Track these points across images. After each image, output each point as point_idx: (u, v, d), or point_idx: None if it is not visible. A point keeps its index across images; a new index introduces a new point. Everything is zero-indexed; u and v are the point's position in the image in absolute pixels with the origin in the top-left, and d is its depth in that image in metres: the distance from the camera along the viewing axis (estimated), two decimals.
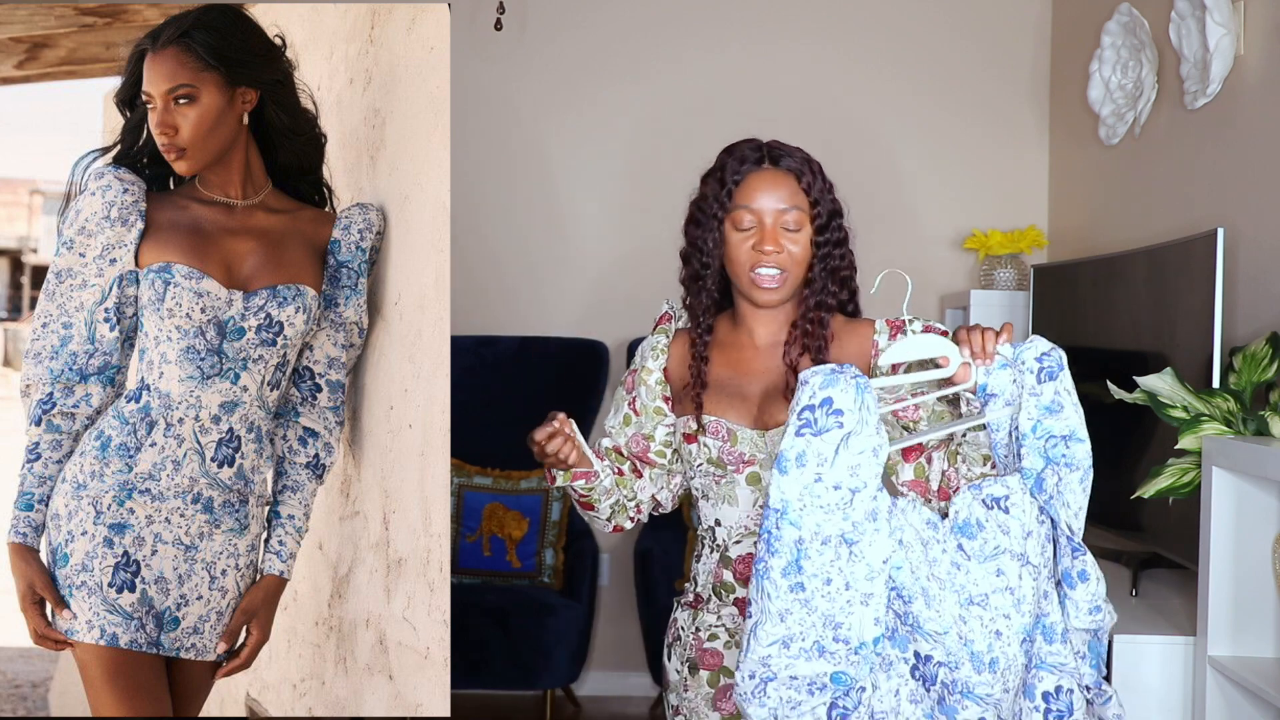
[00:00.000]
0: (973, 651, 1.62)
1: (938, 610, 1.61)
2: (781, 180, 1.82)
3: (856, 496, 1.58)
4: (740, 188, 1.83)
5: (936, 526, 1.64)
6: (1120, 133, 3.54)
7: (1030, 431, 1.64)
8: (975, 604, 1.63)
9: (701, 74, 4.30)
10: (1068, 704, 1.68)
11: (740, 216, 1.82)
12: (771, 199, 1.81)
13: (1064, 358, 1.67)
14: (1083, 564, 1.67)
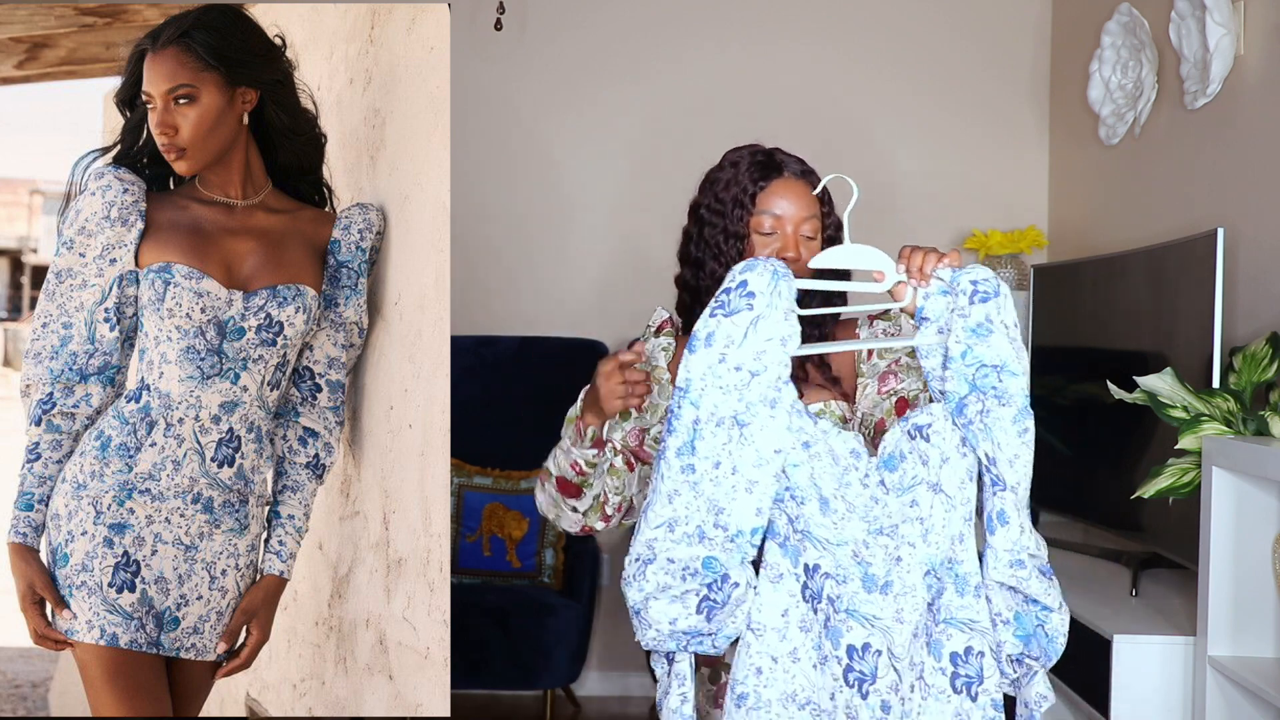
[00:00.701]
0: (866, 572, 1.57)
1: (834, 522, 1.57)
2: (801, 189, 1.86)
3: (755, 379, 1.55)
4: (765, 193, 1.86)
5: (860, 456, 1.58)
6: (1120, 133, 3.54)
7: (959, 357, 1.57)
8: (884, 534, 1.57)
9: (701, 74, 4.30)
10: (977, 669, 1.58)
11: (762, 221, 1.85)
12: (793, 206, 1.85)
13: (1004, 289, 1.60)
14: (1002, 503, 1.56)
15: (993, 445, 1.56)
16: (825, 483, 1.57)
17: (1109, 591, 2.81)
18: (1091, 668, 2.53)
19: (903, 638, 1.56)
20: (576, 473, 1.86)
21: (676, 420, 1.56)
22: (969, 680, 1.58)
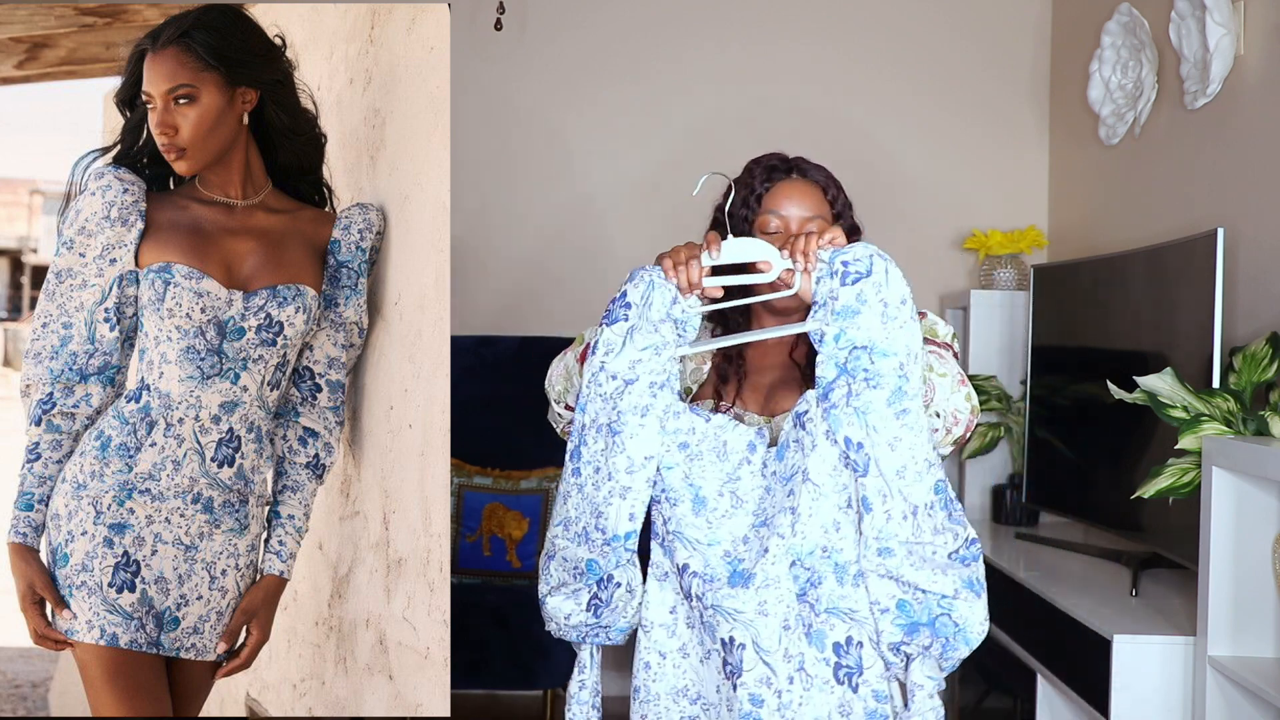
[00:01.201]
0: (735, 569, 1.58)
1: (708, 521, 1.59)
2: (809, 190, 1.87)
3: (629, 388, 1.60)
4: (770, 194, 1.87)
5: (755, 449, 1.61)
6: (1120, 133, 3.54)
7: (832, 340, 1.55)
8: (765, 525, 1.58)
9: (701, 74, 4.30)
10: (857, 659, 1.58)
11: (766, 221, 1.86)
12: (798, 207, 1.85)
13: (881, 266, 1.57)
14: (864, 490, 1.54)
15: (864, 430, 1.53)
16: (707, 481, 1.59)
17: (1109, 591, 2.81)
18: (1091, 668, 2.53)
19: (769, 630, 1.57)
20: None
21: (571, 426, 1.65)
22: (850, 671, 1.58)
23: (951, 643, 1.57)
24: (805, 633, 1.58)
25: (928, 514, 1.55)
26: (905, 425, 1.54)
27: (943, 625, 1.56)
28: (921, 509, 1.55)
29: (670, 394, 1.62)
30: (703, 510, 1.60)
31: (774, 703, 1.58)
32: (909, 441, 1.54)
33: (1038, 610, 2.80)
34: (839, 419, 1.55)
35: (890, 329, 1.55)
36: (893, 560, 1.54)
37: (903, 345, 1.54)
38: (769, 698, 1.57)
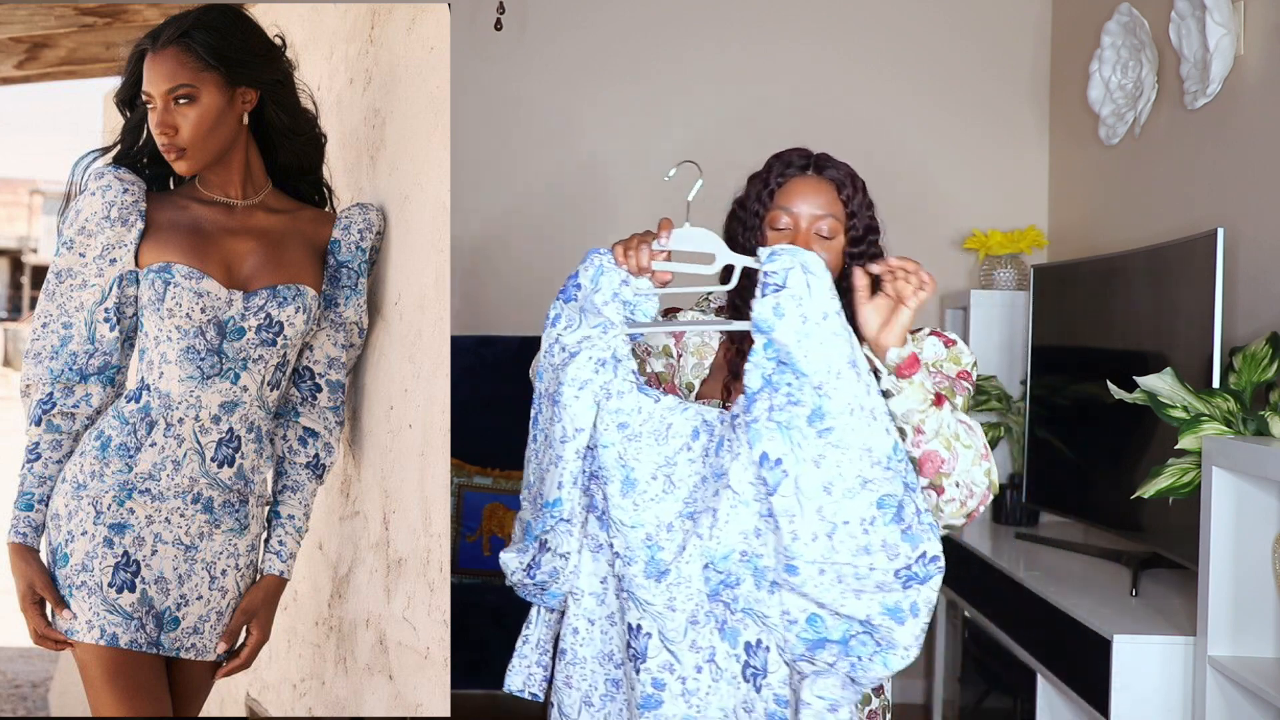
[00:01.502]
0: (653, 557, 1.58)
1: (634, 503, 1.59)
2: (822, 188, 1.85)
3: (572, 360, 1.65)
4: (782, 190, 1.86)
5: (699, 436, 1.61)
6: (1120, 133, 3.54)
7: (762, 349, 1.53)
8: (692, 517, 1.59)
9: (701, 74, 4.30)
10: (763, 662, 1.59)
11: (777, 216, 1.85)
12: (810, 204, 1.84)
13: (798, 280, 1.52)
14: (773, 506, 1.52)
15: (788, 445, 1.51)
16: (642, 463, 1.60)
17: (1109, 591, 2.81)
18: (1091, 668, 2.53)
19: (675, 624, 1.59)
20: None
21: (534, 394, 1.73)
22: (755, 671, 1.59)
23: (865, 663, 1.53)
24: (719, 628, 1.60)
25: (862, 531, 1.51)
26: (830, 443, 1.50)
27: (859, 644, 1.53)
28: (844, 527, 1.51)
29: (613, 372, 1.64)
30: (631, 492, 1.60)
31: (677, 688, 1.60)
32: (835, 459, 1.50)
33: (1038, 610, 2.80)
34: (759, 433, 1.52)
35: (808, 346, 1.51)
36: (797, 578, 1.52)
37: (822, 364, 1.50)
38: (672, 683, 1.60)
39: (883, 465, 1.52)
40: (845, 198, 1.85)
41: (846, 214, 1.85)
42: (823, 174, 1.86)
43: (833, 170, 1.87)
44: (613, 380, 1.64)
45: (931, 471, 1.63)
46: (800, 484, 1.50)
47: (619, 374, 1.65)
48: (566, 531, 1.69)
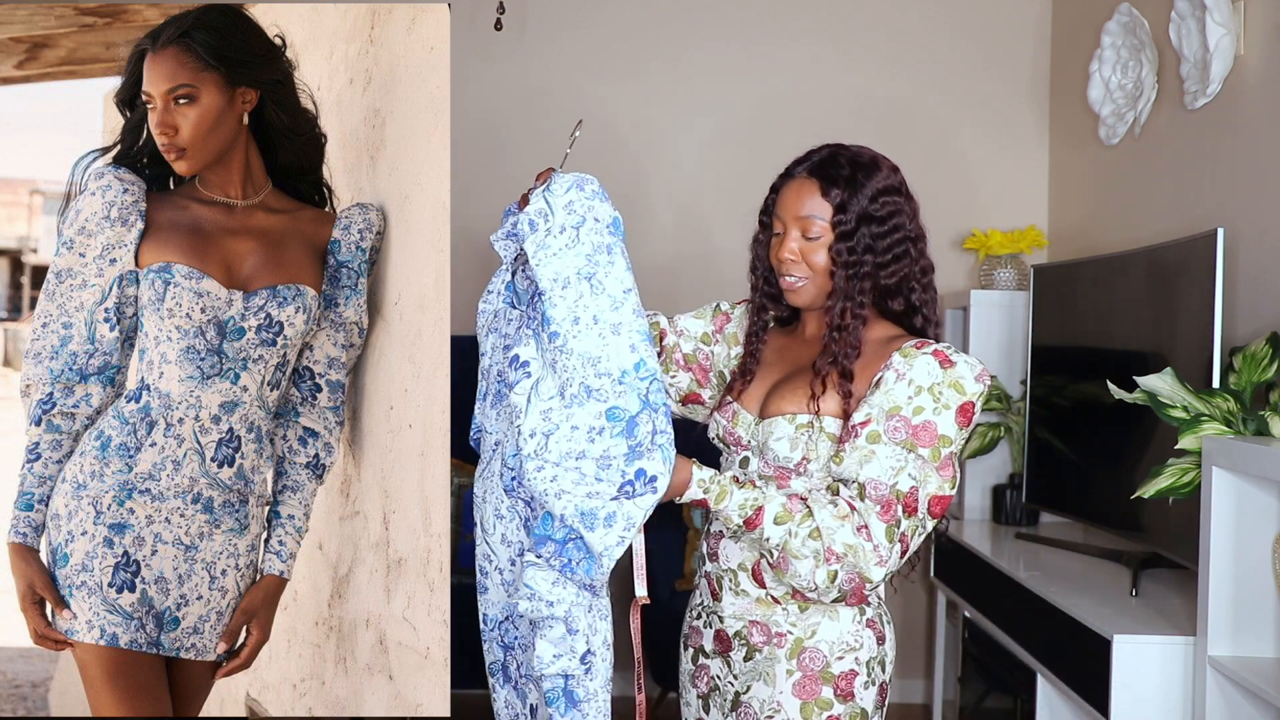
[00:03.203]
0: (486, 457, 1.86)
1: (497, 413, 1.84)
2: (807, 190, 1.84)
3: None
4: (777, 196, 1.89)
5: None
6: (1120, 133, 3.54)
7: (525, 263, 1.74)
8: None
9: (701, 74, 4.30)
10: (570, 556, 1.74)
11: (773, 223, 1.89)
12: (793, 208, 1.85)
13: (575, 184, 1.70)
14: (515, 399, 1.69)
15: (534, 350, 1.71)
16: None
17: (1109, 591, 2.81)
18: (1091, 668, 2.53)
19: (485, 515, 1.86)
20: None
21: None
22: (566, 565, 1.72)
23: (573, 566, 1.65)
24: (522, 523, 1.75)
25: (588, 439, 1.63)
26: (557, 348, 1.64)
27: (574, 548, 1.65)
28: (572, 432, 1.63)
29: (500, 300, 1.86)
30: (499, 404, 1.80)
31: (496, 577, 1.79)
32: (564, 364, 1.64)
33: (1038, 610, 2.80)
34: (517, 338, 1.70)
35: (541, 255, 1.67)
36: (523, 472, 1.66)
37: (550, 273, 1.66)
38: (491, 572, 1.79)
39: (613, 379, 1.62)
40: (833, 196, 1.82)
41: (834, 210, 1.82)
42: (814, 174, 1.85)
43: (828, 168, 1.85)
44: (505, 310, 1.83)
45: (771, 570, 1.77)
46: (539, 386, 1.64)
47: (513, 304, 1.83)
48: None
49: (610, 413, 1.62)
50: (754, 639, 1.83)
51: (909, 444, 1.71)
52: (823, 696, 1.80)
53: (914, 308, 1.86)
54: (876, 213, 1.83)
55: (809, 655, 1.80)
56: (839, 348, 1.81)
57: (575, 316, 1.64)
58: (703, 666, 1.91)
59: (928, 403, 1.72)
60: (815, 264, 1.83)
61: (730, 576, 1.85)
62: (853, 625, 1.82)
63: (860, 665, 1.82)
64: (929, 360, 1.74)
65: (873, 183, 1.84)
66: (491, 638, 1.85)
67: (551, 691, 1.67)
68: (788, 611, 1.82)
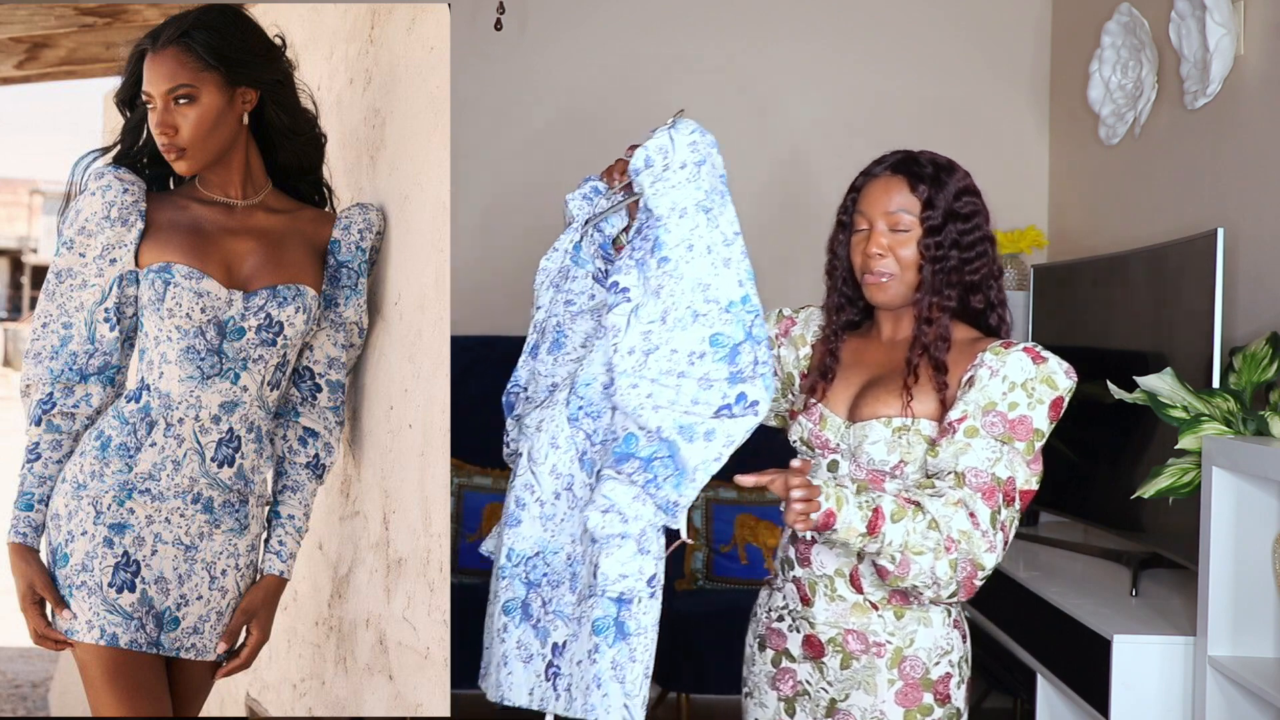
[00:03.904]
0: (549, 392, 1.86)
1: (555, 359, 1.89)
2: (895, 185, 1.89)
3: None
4: (860, 194, 1.92)
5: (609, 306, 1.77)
6: (1120, 133, 3.54)
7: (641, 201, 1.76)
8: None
9: (701, 74, 4.30)
10: None
11: (857, 220, 1.91)
12: (881, 203, 1.88)
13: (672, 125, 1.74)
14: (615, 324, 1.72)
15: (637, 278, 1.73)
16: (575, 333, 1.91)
17: (1109, 591, 2.81)
18: (1091, 668, 2.53)
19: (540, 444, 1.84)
20: None
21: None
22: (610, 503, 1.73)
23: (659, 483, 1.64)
24: (579, 457, 1.75)
25: (688, 361, 1.66)
26: (666, 273, 1.67)
27: (660, 465, 1.64)
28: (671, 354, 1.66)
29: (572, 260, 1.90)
30: (556, 351, 1.84)
31: (535, 510, 1.77)
32: (670, 288, 1.67)
33: (1038, 610, 2.79)
34: (619, 268, 1.72)
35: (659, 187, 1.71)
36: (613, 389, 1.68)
37: (668, 203, 1.70)
38: (531, 504, 1.77)
39: (720, 306, 1.67)
40: (921, 192, 1.87)
41: (922, 205, 1.86)
42: (898, 171, 1.90)
43: (912, 166, 1.90)
44: (572, 267, 1.88)
45: (888, 576, 1.72)
46: (639, 311, 1.67)
47: (580, 261, 1.89)
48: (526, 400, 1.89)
49: (714, 338, 1.66)
50: (850, 647, 1.85)
51: (1006, 437, 1.74)
52: (924, 703, 1.83)
53: (991, 305, 1.90)
54: (960, 210, 1.88)
55: (909, 664, 1.83)
56: (929, 340, 1.83)
57: (690, 244, 1.68)
58: (787, 670, 1.92)
59: (1021, 398, 1.75)
60: (903, 258, 1.86)
61: (826, 583, 1.86)
62: (944, 629, 1.85)
63: (953, 666, 1.86)
64: (1021, 357, 1.78)
65: (953, 181, 1.90)
66: (514, 574, 1.81)
67: (602, 620, 1.65)
68: (884, 619, 1.84)
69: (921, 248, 1.85)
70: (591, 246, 1.91)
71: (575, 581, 1.75)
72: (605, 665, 1.64)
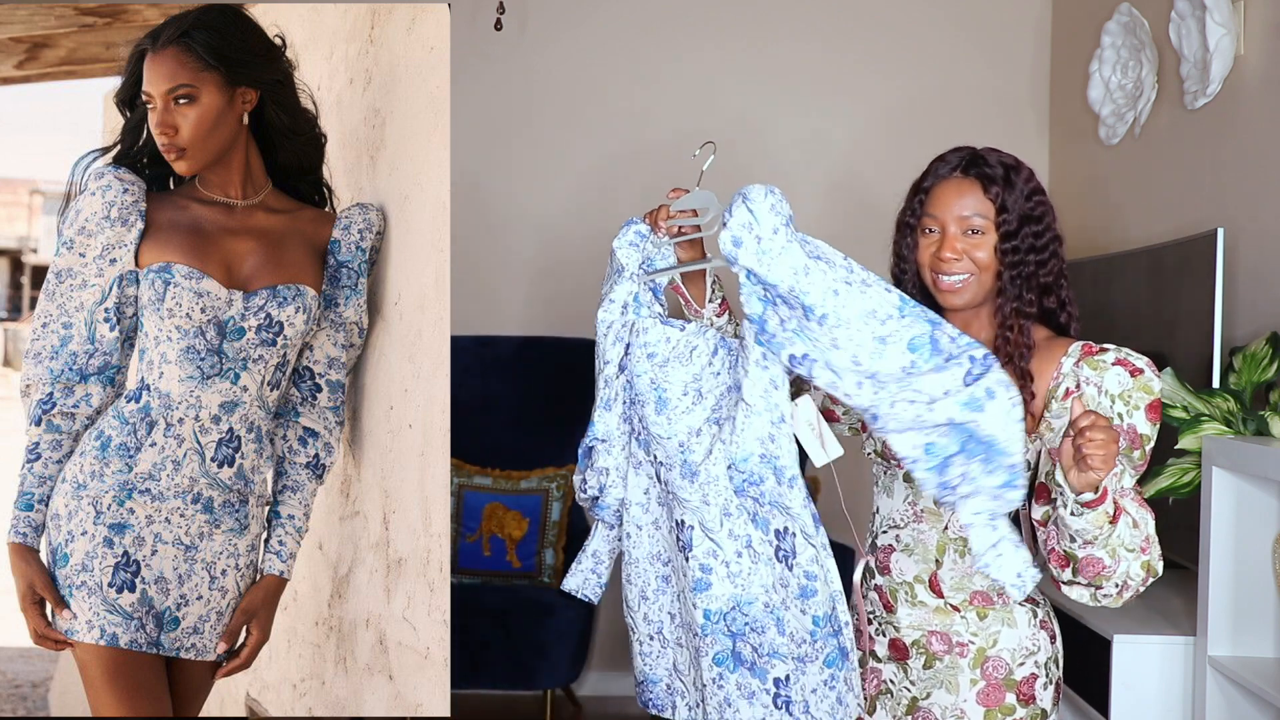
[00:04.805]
0: (685, 459, 1.81)
1: (668, 419, 1.82)
2: (967, 188, 1.86)
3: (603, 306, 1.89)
4: (929, 196, 1.88)
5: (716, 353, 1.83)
6: (1120, 133, 3.54)
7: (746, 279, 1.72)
8: (718, 422, 1.81)
9: (701, 74, 4.30)
10: (791, 546, 1.79)
11: (926, 223, 1.87)
12: (954, 207, 1.85)
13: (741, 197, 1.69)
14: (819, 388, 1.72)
15: (806, 344, 1.70)
16: (673, 384, 1.83)
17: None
18: (1091, 668, 2.53)
19: (712, 516, 1.81)
20: None
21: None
22: (786, 553, 1.80)
23: (990, 461, 1.63)
24: (751, 518, 1.81)
25: (905, 376, 1.65)
26: (832, 326, 1.68)
27: (975, 446, 1.64)
28: (894, 375, 1.66)
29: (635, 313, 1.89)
30: (664, 410, 1.82)
31: (723, 571, 1.81)
32: (846, 336, 1.67)
33: None
34: (781, 344, 1.71)
35: (768, 261, 1.69)
36: (879, 423, 1.67)
37: (787, 270, 1.68)
38: (717, 567, 1.81)
39: (896, 318, 1.67)
40: (994, 194, 1.84)
41: (996, 209, 1.83)
42: (969, 173, 1.87)
43: (982, 167, 1.87)
44: (638, 320, 1.87)
45: (1091, 574, 1.68)
46: (830, 363, 1.68)
47: (641, 313, 1.90)
48: (605, 450, 1.91)
49: (911, 345, 1.66)
50: (934, 647, 1.85)
51: (1125, 451, 1.73)
52: (1006, 703, 1.83)
53: (1063, 304, 1.87)
54: (1033, 212, 1.86)
55: (992, 664, 1.83)
56: (1014, 349, 1.81)
57: (832, 290, 1.68)
58: (873, 670, 1.93)
59: (1123, 408, 1.74)
60: (980, 260, 1.82)
61: (906, 589, 1.87)
62: (1030, 629, 1.84)
63: (1040, 667, 1.84)
64: (1119, 371, 1.75)
65: (1022, 181, 1.87)
66: (716, 630, 1.83)
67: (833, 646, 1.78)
68: (967, 620, 1.84)
69: (999, 253, 1.83)
70: (647, 294, 1.92)
71: (781, 625, 1.80)
72: None
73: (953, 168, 1.89)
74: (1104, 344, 1.79)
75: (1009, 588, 1.67)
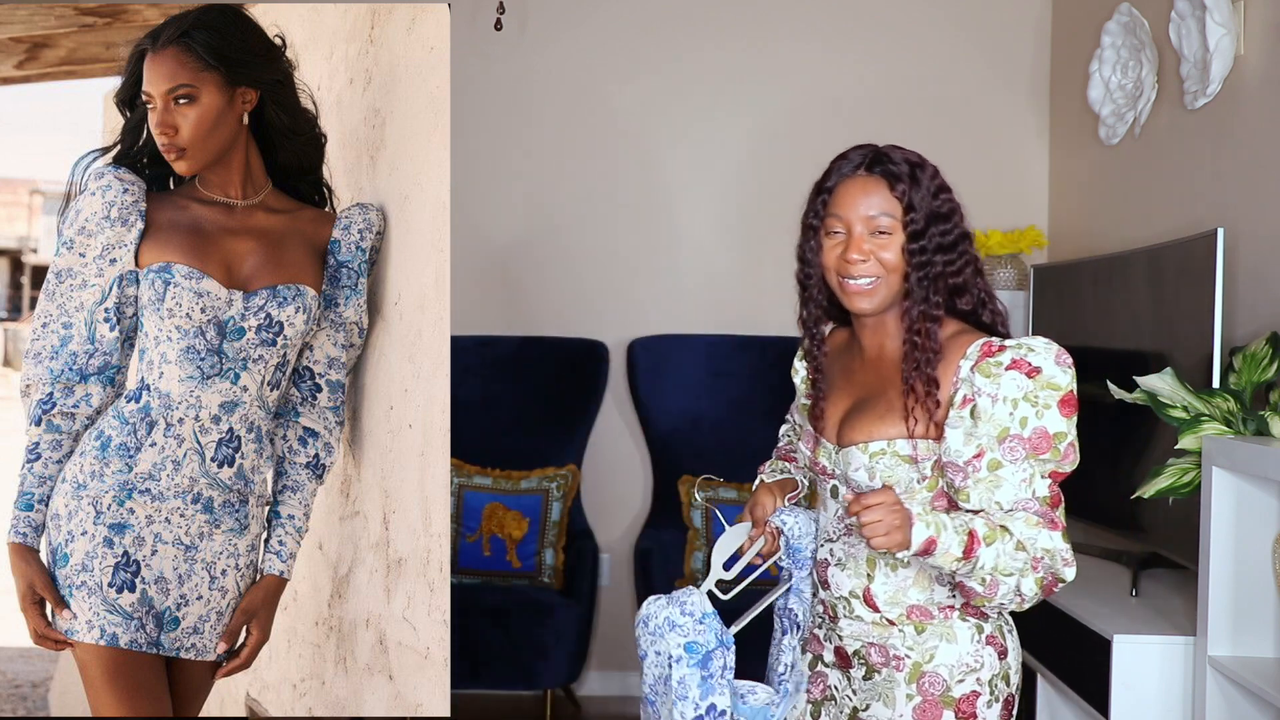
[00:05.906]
0: None
1: None
2: (872, 186, 1.78)
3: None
4: (833, 196, 1.80)
5: None
6: (1120, 133, 3.54)
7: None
8: None
9: (701, 74, 4.30)
10: None
11: (830, 224, 1.79)
12: (859, 206, 1.77)
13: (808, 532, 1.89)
14: None
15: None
16: None
17: (1109, 591, 2.81)
18: (1091, 668, 2.53)
19: None
20: None
21: None
22: None
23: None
24: None
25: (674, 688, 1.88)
26: None
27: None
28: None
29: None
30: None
31: None
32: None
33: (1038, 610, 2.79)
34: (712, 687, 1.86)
35: None
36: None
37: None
38: None
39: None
40: (900, 192, 1.76)
41: (903, 208, 1.76)
42: (873, 171, 1.78)
43: (887, 164, 1.79)
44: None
45: (971, 597, 1.71)
46: None
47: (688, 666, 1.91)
48: None
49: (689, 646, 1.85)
50: (873, 659, 1.82)
51: (1031, 456, 1.70)
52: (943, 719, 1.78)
53: (981, 303, 1.81)
54: (940, 209, 1.78)
55: (928, 680, 1.78)
56: (921, 354, 1.74)
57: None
58: (820, 674, 1.91)
59: (1029, 411, 1.69)
60: (887, 262, 1.75)
61: (844, 604, 1.84)
62: (972, 645, 1.79)
63: (982, 685, 1.79)
64: (1014, 375, 1.69)
65: (927, 178, 1.79)
66: None
67: None
68: (904, 634, 1.79)
69: (906, 254, 1.75)
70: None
71: None
72: None
73: (856, 166, 1.79)
74: (1005, 341, 1.72)
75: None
